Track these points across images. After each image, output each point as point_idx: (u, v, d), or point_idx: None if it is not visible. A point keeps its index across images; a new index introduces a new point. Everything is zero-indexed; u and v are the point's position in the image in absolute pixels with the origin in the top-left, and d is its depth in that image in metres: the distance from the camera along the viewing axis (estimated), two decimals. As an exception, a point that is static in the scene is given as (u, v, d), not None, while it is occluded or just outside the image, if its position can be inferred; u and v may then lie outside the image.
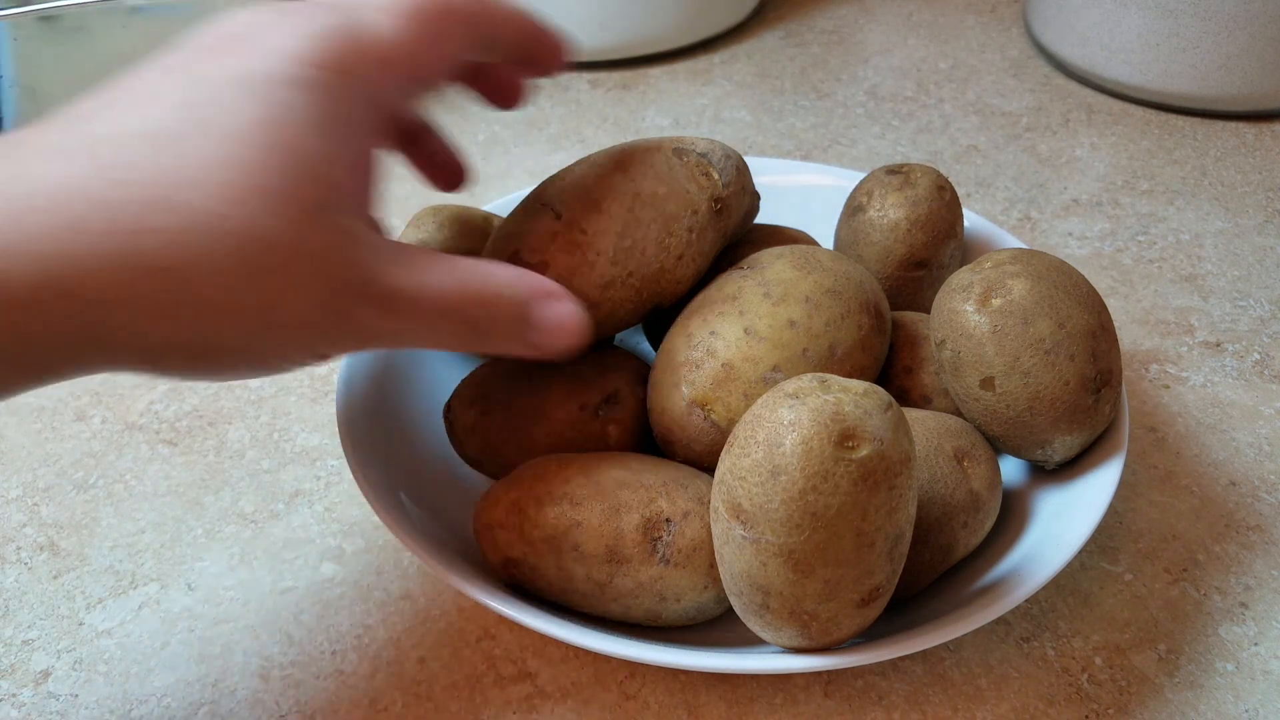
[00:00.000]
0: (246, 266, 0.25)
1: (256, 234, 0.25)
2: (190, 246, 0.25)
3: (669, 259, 0.38)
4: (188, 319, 0.25)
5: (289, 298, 0.26)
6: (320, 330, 0.27)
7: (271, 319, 0.26)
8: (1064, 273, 0.38)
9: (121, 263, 0.24)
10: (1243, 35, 0.63)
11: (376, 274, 0.28)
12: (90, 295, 0.24)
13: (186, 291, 0.25)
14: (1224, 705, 0.36)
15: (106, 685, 0.38)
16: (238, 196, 0.25)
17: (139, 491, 0.45)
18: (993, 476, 0.37)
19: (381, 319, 0.28)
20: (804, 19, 0.81)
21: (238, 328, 0.26)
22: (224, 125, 0.25)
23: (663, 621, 0.35)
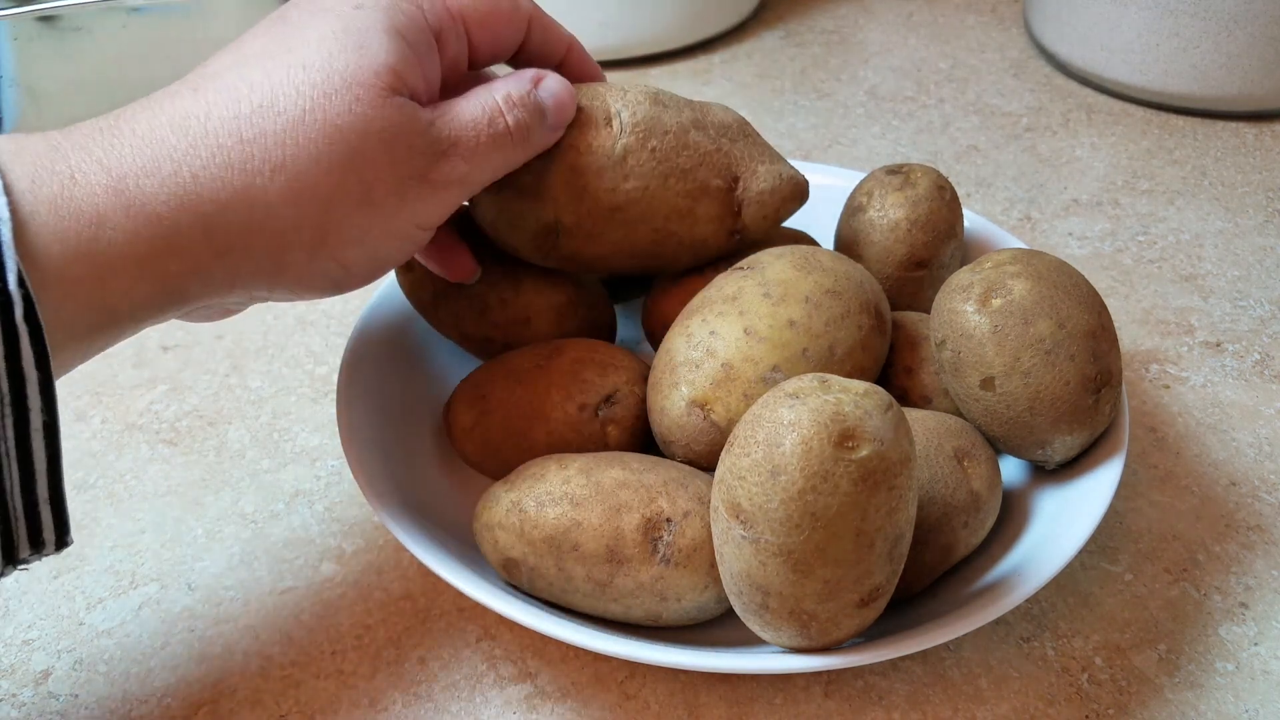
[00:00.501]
0: (341, 153, 0.31)
1: (343, 124, 0.31)
2: (297, 144, 0.31)
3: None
4: (304, 207, 0.31)
5: (378, 174, 0.32)
6: (411, 198, 0.33)
7: (368, 199, 0.32)
8: (1064, 273, 0.38)
9: (245, 165, 0.30)
10: (1243, 35, 0.63)
11: (439, 131, 0.34)
12: (225, 200, 0.30)
13: (299, 183, 0.31)
14: (1224, 705, 0.36)
15: (106, 685, 0.38)
16: (325, 90, 0.31)
17: (139, 491, 0.45)
18: (993, 476, 0.37)
19: (453, 165, 0.34)
20: (804, 19, 0.81)
21: (345, 214, 0.32)
22: (313, 35, 0.32)
23: (663, 621, 0.35)
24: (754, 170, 0.40)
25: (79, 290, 0.28)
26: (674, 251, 0.40)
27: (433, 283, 0.43)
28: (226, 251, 0.31)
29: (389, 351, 0.45)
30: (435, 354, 0.46)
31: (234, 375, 0.50)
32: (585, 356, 0.40)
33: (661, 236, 0.40)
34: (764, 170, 0.41)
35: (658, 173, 0.38)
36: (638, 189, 0.38)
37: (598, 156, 0.38)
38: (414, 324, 0.46)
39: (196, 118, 0.30)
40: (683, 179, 0.39)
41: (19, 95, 0.58)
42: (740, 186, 0.40)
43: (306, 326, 0.53)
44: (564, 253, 0.40)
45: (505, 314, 0.42)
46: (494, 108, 0.35)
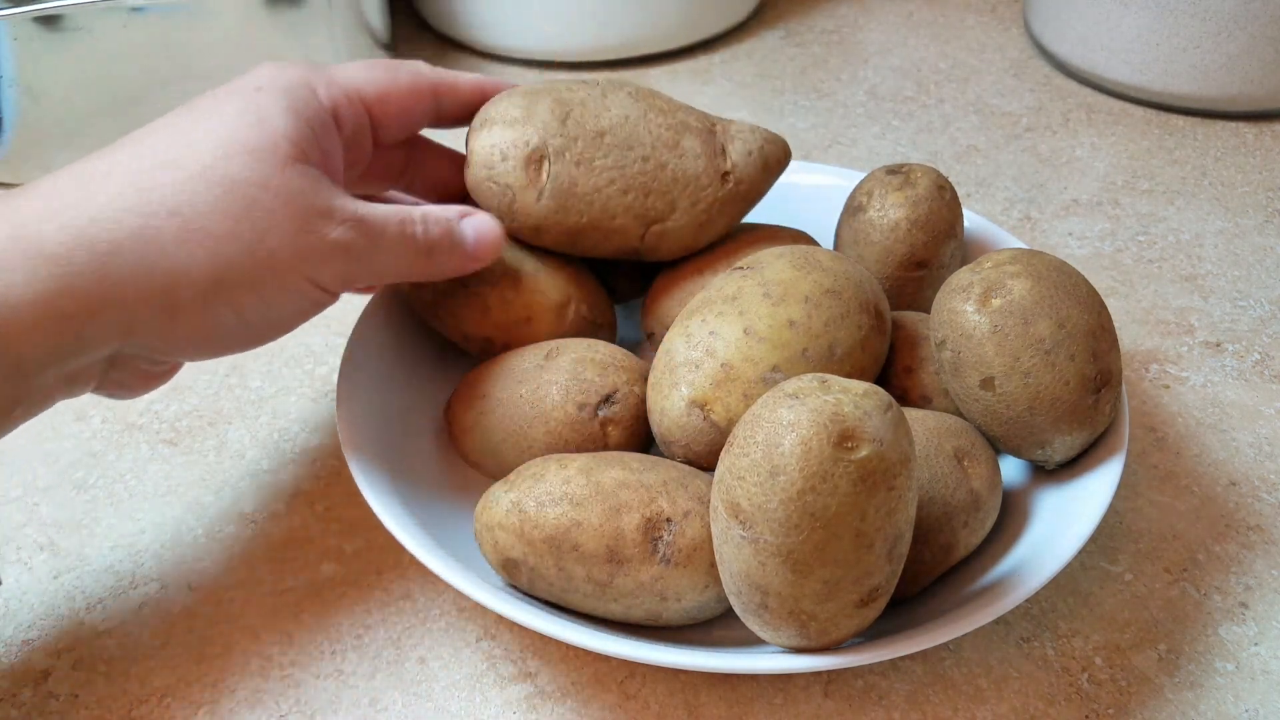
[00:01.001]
0: (237, 203, 0.32)
1: (241, 178, 0.33)
2: (194, 192, 0.32)
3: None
4: (197, 249, 0.32)
5: (273, 223, 0.33)
6: (305, 253, 0.34)
7: (262, 245, 0.33)
8: (1064, 273, 0.38)
9: (141, 210, 0.32)
10: (1243, 35, 0.63)
11: (342, 203, 0.35)
12: (120, 239, 0.31)
13: (193, 226, 0.32)
14: (1224, 705, 0.36)
15: (106, 685, 0.38)
16: (224, 153, 0.33)
17: (139, 491, 0.45)
18: (993, 476, 0.37)
19: (352, 235, 0.35)
20: (804, 19, 0.81)
21: (238, 258, 0.32)
22: (215, 113, 0.34)
23: (663, 621, 0.35)
24: (728, 122, 0.44)
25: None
26: (669, 189, 0.41)
27: (433, 283, 0.43)
28: (120, 290, 0.31)
29: (389, 351, 0.45)
30: (435, 354, 0.46)
31: (234, 375, 0.50)
32: (585, 356, 0.40)
33: (653, 167, 0.41)
34: (738, 122, 0.44)
35: (637, 108, 0.42)
36: (620, 116, 0.41)
37: (578, 92, 0.42)
38: (414, 324, 0.46)
39: (100, 172, 0.32)
40: (662, 115, 0.42)
41: (19, 95, 0.58)
42: (719, 129, 0.43)
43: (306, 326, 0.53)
44: (560, 184, 0.41)
45: (505, 314, 0.42)
46: (407, 215, 0.37)
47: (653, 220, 0.42)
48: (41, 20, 0.56)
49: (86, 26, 0.57)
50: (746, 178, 0.43)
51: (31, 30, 0.56)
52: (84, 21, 0.57)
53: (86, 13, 0.57)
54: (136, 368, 0.36)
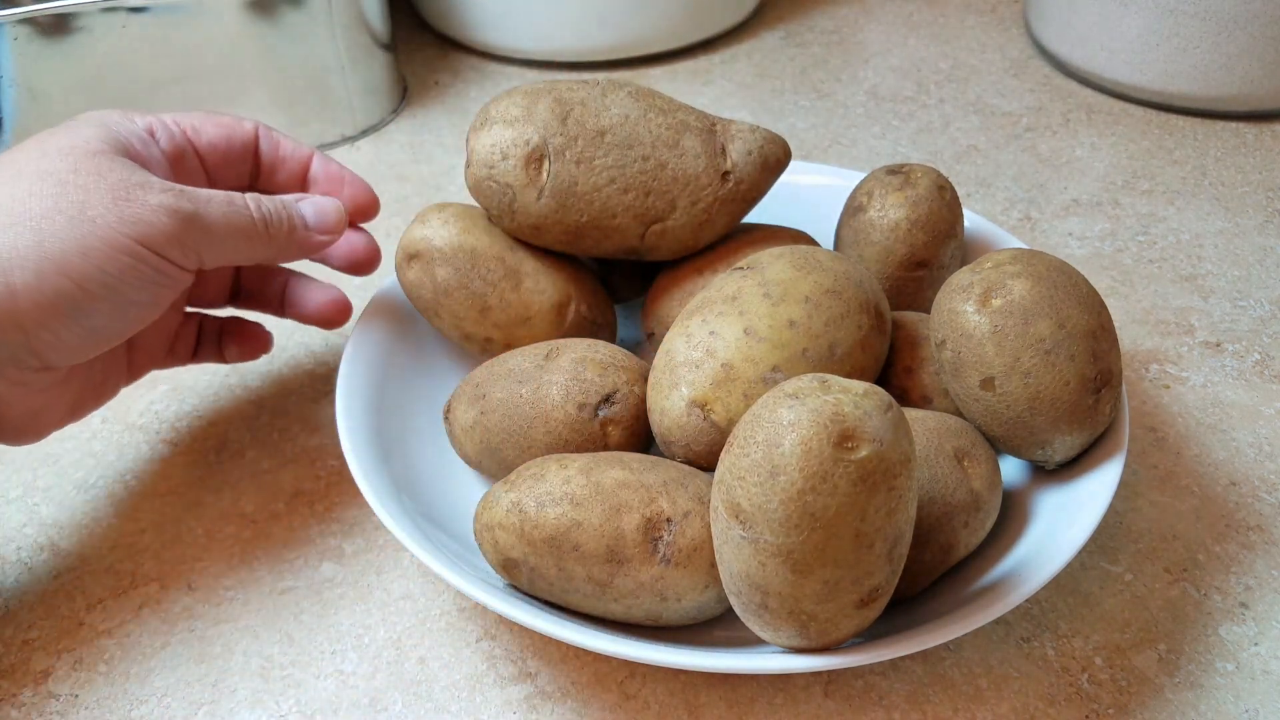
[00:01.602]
0: (52, 186, 0.34)
1: (54, 169, 0.35)
2: (12, 186, 0.34)
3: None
4: (20, 229, 0.33)
5: (90, 196, 0.34)
6: (128, 217, 0.35)
7: (83, 215, 0.34)
8: (1064, 273, 0.38)
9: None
10: (1243, 35, 0.63)
11: (162, 180, 0.36)
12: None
13: (14, 212, 0.33)
14: (1224, 705, 0.36)
15: (106, 685, 0.38)
16: (38, 153, 0.35)
17: (139, 491, 0.45)
18: (993, 476, 0.37)
19: (174, 200, 0.36)
20: (804, 19, 0.81)
21: (62, 229, 0.34)
22: (30, 140, 0.37)
23: (663, 621, 0.35)
24: (728, 121, 0.44)
25: None
26: (669, 188, 0.42)
27: (433, 283, 0.43)
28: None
29: (389, 351, 0.45)
30: (435, 354, 0.46)
31: (234, 375, 0.50)
32: (585, 356, 0.40)
33: (653, 166, 0.41)
34: (737, 122, 0.44)
35: (637, 107, 0.42)
36: (620, 115, 0.41)
37: (579, 91, 0.42)
38: (414, 324, 0.46)
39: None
40: (662, 115, 0.42)
41: (19, 95, 0.58)
42: (719, 129, 0.43)
43: (307, 327, 0.53)
44: (560, 183, 0.41)
45: (505, 314, 0.42)
46: (235, 195, 0.38)
47: (653, 219, 0.42)
48: (41, 20, 0.56)
49: (86, 26, 0.57)
50: (746, 177, 0.43)
51: (31, 30, 0.56)
52: (84, 21, 0.57)
53: (86, 13, 0.57)
54: (10, 377, 0.35)
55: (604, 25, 0.72)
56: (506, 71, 0.75)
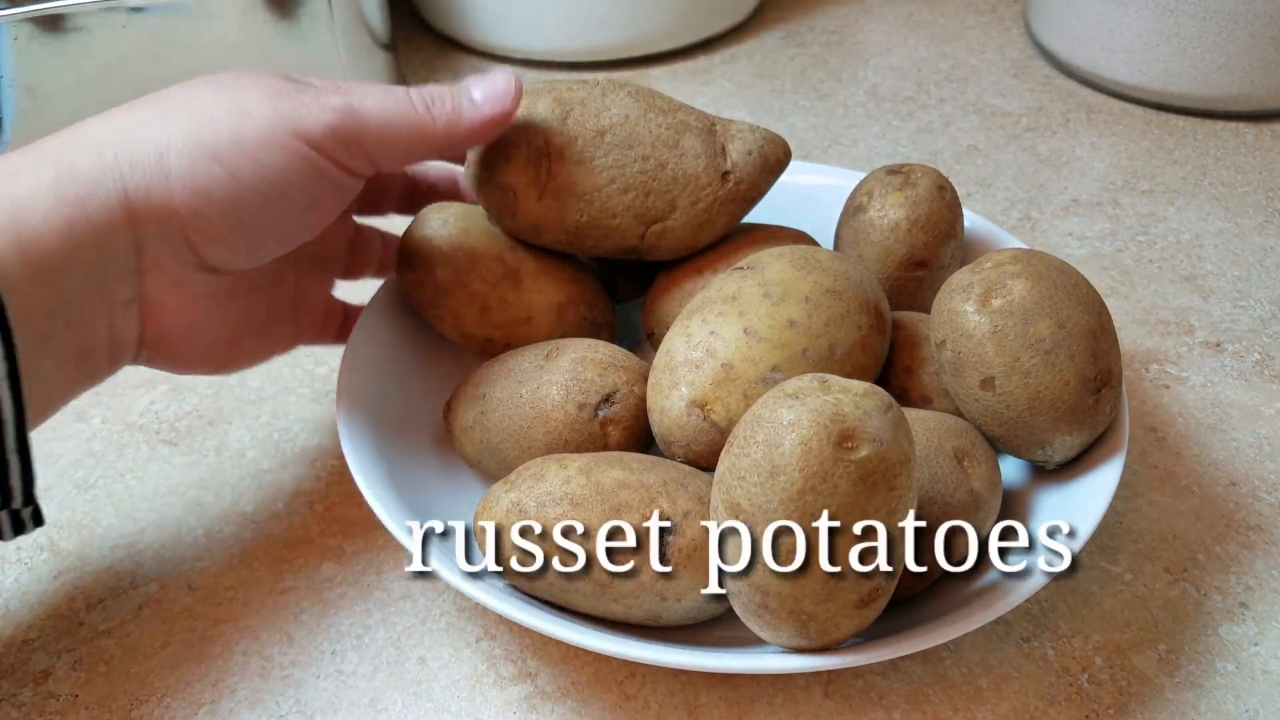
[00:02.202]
0: (212, 89, 0.35)
1: (215, 80, 0.35)
2: (172, 92, 0.35)
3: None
4: (178, 120, 0.34)
5: (249, 93, 0.34)
6: (286, 111, 0.34)
7: (238, 106, 0.34)
8: (1064, 273, 0.38)
9: (126, 108, 0.35)
10: (1243, 35, 0.63)
11: (315, 81, 0.36)
12: (113, 129, 0.34)
13: (175, 106, 0.34)
14: (1224, 705, 0.36)
15: (106, 685, 0.38)
16: (201, 78, 0.36)
17: (139, 491, 0.45)
18: (993, 476, 0.37)
19: (332, 95, 0.35)
20: (804, 19, 0.81)
21: (217, 118, 0.34)
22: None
23: (663, 621, 0.35)
24: (729, 121, 0.44)
25: (4, 230, 0.31)
26: (669, 189, 0.41)
27: (433, 282, 0.43)
28: (114, 166, 0.33)
29: (389, 351, 0.45)
30: (435, 354, 0.46)
31: (234, 375, 0.50)
32: (585, 356, 0.40)
33: (653, 167, 0.41)
34: (738, 122, 0.44)
35: (637, 107, 0.42)
36: (620, 115, 0.41)
37: (578, 91, 0.42)
38: (414, 324, 0.46)
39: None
40: (662, 115, 0.42)
41: (19, 95, 0.58)
42: (719, 129, 0.43)
43: (306, 326, 0.53)
44: (560, 182, 0.41)
45: (505, 314, 0.42)
46: (393, 86, 0.37)
47: (653, 219, 0.42)
48: (41, 20, 0.56)
49: (86, 26, 0.57)
50: (746, 177, 0.43)
51: (31, 30, 0.56)
52: (84, 21, 0.57)
53: (86, 13, 0.57)
54: (170, 275, 0.35)
55: (604, 25, 0.72)
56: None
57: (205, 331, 0.38)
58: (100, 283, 0.33)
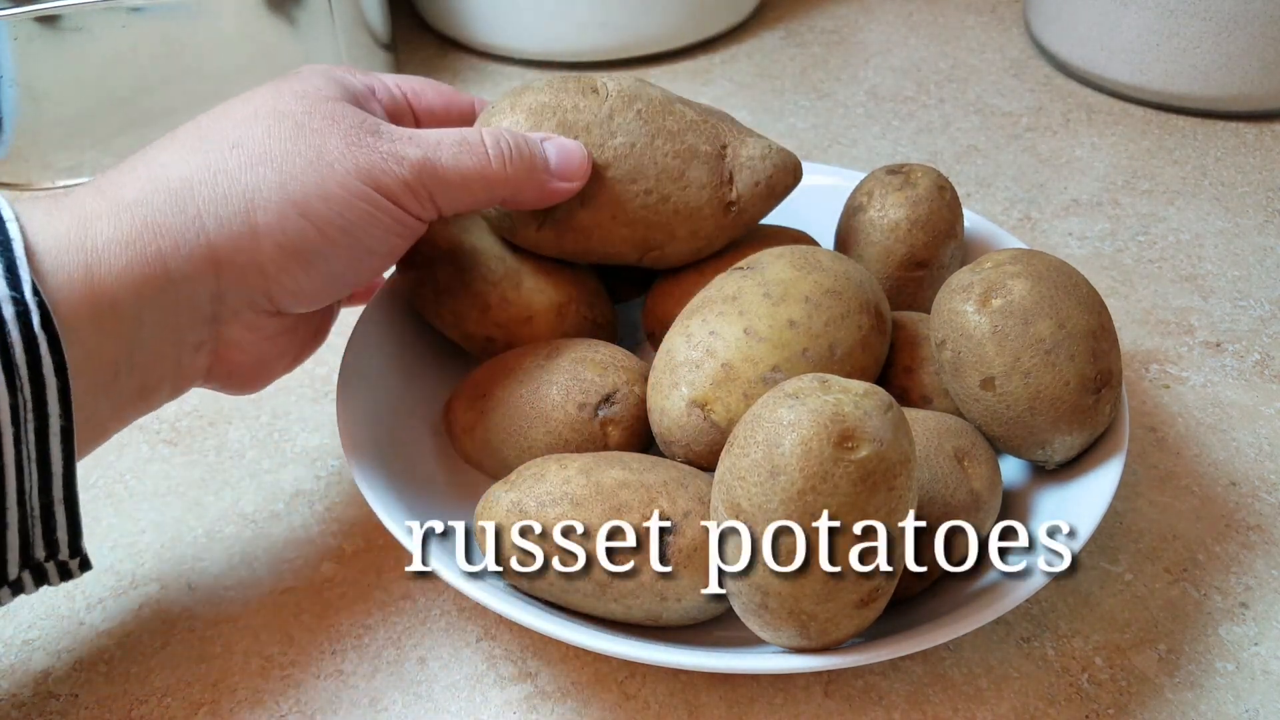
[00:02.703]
0: (290, 128, 0.34)
1: (289, 110, 0.34)
2: (250, 126, 0.34)
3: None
4: (263, 170, 0.33)
5: (326, 139, 0.34)
6: (362, 161, 0.34)
7: (320, 159, 0.34)
8: (1064, 273, 0.38)
9: (206, 150, 0.33)
10: (1243, 35, 0.63)
11: (390, 127, 0.36)
12: (191, 175, 0.33)
13: (255, 153, 0.33)
14: (1224, 705, 0.36)
15: (106, 685, 0.38)
16: (272, 95, 0.35)
17: (139, 491, 0.45)
18: (993, 476, 0.37)
19: (406, 144, 0.35)
20: (804, 19, 0.81)
21: (301, 172, 0.33)
22: (257, 88, 0.36)
23: (663, 621, 0.35)
24: (742, 140, 0.42)
25: (76, 282, 0.30)
26: (669, 221, 0.40)
27: (434, 282, 0.43)
28: (200, 221, 0.32)
29: (389, 351, 0.45)
30: (435, 354, 0.46)
31: (234, 375, 0.50)
32: (585, 356, 0.40)
33: (655, 201, 0.40)
34: (752, 141, 0.42)
35: (645, 131, 0.40)
36: (625, 145, 0.40)
37: (584, 114, 0.40)
38: (414, 324, 0.46)
39: (162, 143, 0.34)
40: (670, 140, 0.40)
41: (19, 95, 0.58)
42: (729, 153, 0.41)
43: (306, 326, 0.53)
44: (559, 218, 0.40)
45: (506, 314, 0.42)
46: (471, 131, 0.37)
47: (650, 248, 0.42)
48: (41, 20, 0.56)
49: (86, 26, 0.57)
50: (750, 208, 0.42)
51: (31, 30, 0.56)
52: (84, 21, 0.57)
53: (86, 13, 0.57)
54: (246, 321, 0.35)
55: (604, 25, 0.72)
56: (506, 71, 0.75)
57: (272, 361, 0.38)
58: (174, 329, 0.33)
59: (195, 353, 0.34)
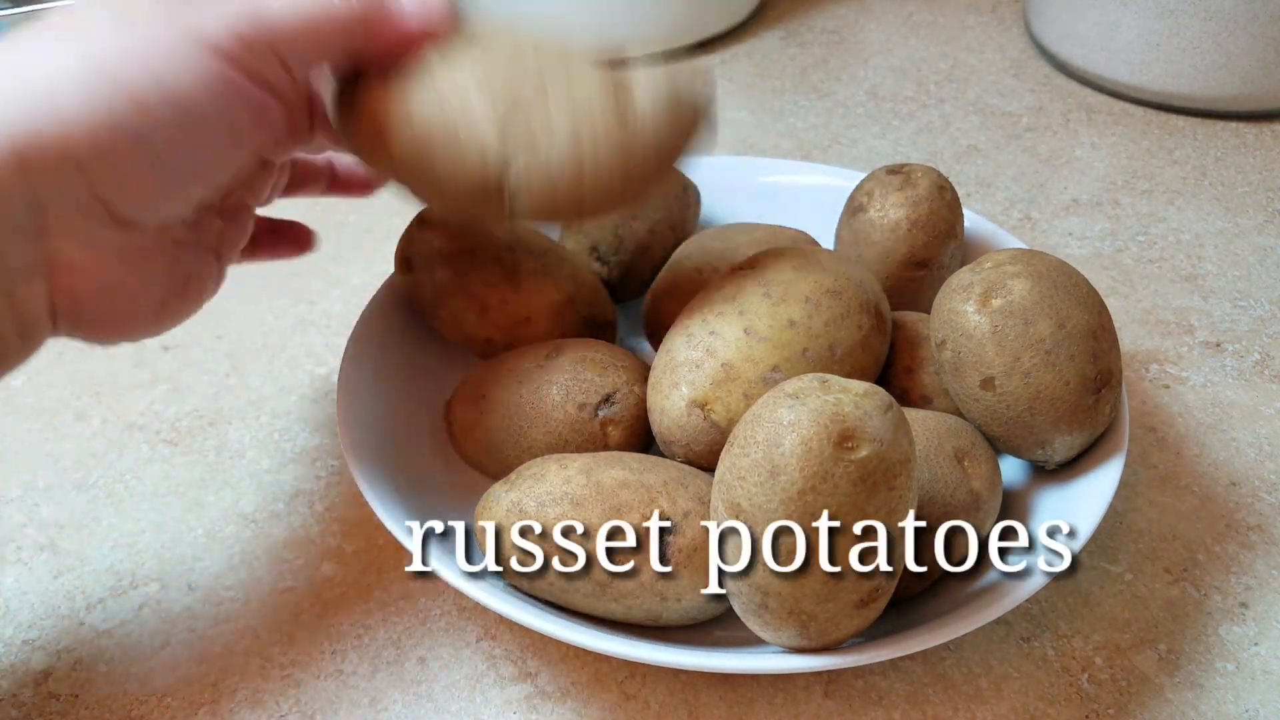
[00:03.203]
0: (100, 8, 0.29)
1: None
2: (61, 22, 0.29)
3: None
4: (66, 44, 0.28)
5: (141, 7, 0.29)
6: (180, 10, 0.29)
7: (129, 13, 0.29)
8: (1064, 273, 0.38)
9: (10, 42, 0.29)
10: (1243, 35, 0.63)
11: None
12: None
13: (64, 32, 0.29)
14: (1224, 705, 0.36)
15: (106, 685, 0.38)
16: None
17: (139, 491, 0.45)
18: (993, 476, 0.37)
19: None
20: (804, 19, 0.81)
21: (107, 35, 0.29)
22: None
23: (663, 621, 0.35)
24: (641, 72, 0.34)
25: None
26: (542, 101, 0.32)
27: (433, 283, 0.43)
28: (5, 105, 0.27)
29: (389, 351, 0.45)
30: (435, 354, 0.46)
31: (234, 375, 0.50)
32: (585, 356, 0.40)
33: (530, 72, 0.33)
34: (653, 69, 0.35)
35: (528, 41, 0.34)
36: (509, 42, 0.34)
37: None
38: (414, 324, 0.46)
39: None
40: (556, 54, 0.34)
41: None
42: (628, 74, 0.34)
43: (306, 326, 0.53)
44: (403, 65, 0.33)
45: (505, 314, 0.42)
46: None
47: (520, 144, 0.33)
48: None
49: (86, 26, 0.57)
50: (650, 125, 0.34)
51: (31, 30, 0.56)
52: (84, 21, 0.57)
53: (86, 13, 0.57)
54: (81, 235, 0.30)
55: (604, 25, 0.72)
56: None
57: (128, 295, 0.32)
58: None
59: (28, 281, 0.29)
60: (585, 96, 0.33)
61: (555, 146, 0.32)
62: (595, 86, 0.33)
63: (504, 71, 0.32)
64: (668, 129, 0.34)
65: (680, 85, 0.35)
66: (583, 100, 0.33)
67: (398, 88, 0.33)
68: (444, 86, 0.33)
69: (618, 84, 0.33)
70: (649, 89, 0.34)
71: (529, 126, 0.32)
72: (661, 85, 0.34)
